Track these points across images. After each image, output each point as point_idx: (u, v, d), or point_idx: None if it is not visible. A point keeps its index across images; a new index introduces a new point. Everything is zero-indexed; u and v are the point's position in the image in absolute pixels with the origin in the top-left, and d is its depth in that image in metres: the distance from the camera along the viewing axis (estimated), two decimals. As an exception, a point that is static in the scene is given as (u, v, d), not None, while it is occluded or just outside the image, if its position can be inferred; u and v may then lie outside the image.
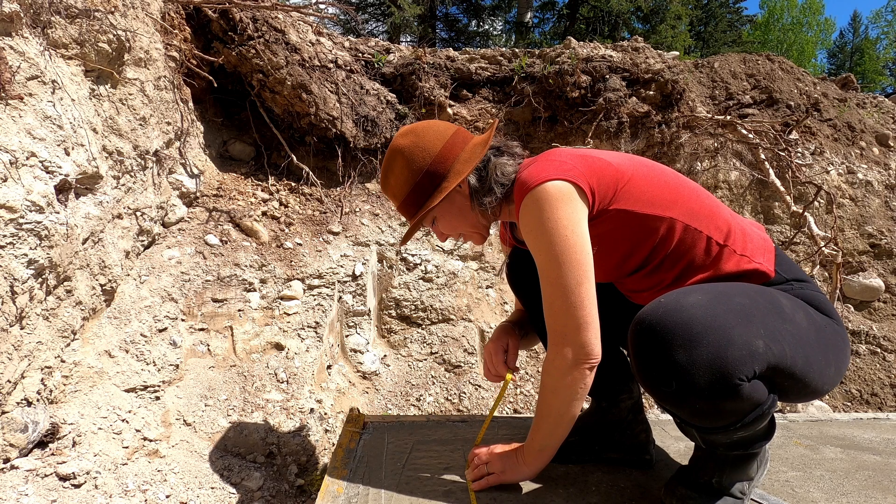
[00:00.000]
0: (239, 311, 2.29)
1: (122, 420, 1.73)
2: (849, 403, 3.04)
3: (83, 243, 1.77)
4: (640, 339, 0.90)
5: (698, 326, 0.85)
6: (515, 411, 2.59)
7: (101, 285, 1.89)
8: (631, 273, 1.14)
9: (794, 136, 3.72)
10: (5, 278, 1.41)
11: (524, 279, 1.37)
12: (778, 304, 0.96)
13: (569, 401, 1.03)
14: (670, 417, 1.62)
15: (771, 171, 3.55)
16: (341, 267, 2.64)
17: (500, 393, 1.29)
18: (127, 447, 1.68)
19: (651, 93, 3.48)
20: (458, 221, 1.20)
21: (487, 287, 3.09)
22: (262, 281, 2.42)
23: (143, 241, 2.22)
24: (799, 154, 3.67)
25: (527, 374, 2.77)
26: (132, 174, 2.08)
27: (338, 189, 3.03)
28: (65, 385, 1.68)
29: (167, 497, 1.60)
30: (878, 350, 3.22)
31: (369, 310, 2.67)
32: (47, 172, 1.56)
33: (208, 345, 2.16)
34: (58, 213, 1.58)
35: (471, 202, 1.16)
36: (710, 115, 3.66)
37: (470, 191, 1.15)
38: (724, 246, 1.06)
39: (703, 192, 1.13)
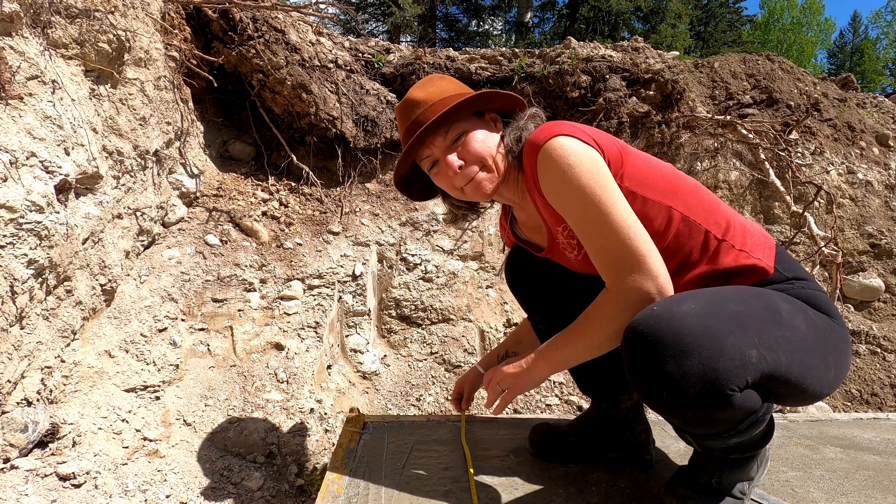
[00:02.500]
0: (239, 311, 2.29)
1: (122, 420, 1.74)
2: (849, 403, 3.04)
3: (83, 243, 1.77)
4: (631, 348, 0.89)
5: (689, 337, 0.84)
6: (515, 411, 2.59)
7: (101, 285, 1.89)
8: None
9: (794, 136, 3.72)
10: (5, 278, 1.41)
11: (523, 280, 1.37)
12: (775, 308, 0.94)
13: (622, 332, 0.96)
14: (670, 417, 1.62)
15: (771, 171, 3.55)
16: (341, 267, 2.64)
17: (462, 427, 1.57)
18: (127, 447, 1.68)
19: (651, 93, 3.48)
20: (487, 145, 1.12)
21: (487, 287, 3.09)
22: (262, 281, 2.42)
23: (143, 241, 2.22)
24: (799, 154, 3.67)
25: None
26: (132, 174, 2.08)
27: (338, 189, 3.03)
28: (65, 385, 1.68)
29: (167, 497, 1.60)
30: (878, 350, 3.22)
31: (369, 310, 2.67)
32: (47, 172, 1.56)
33: (208, 345, 2.16)
34: (58, 213, 1.58)
35: (501, 140, 1.14)
36: (710, 115, 3.66)
37: (503, 133, 1.15)
38: (723, 240, 1.04)
39: (703, 189, 1.12)
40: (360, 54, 3.35)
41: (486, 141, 1.12)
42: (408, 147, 1.12)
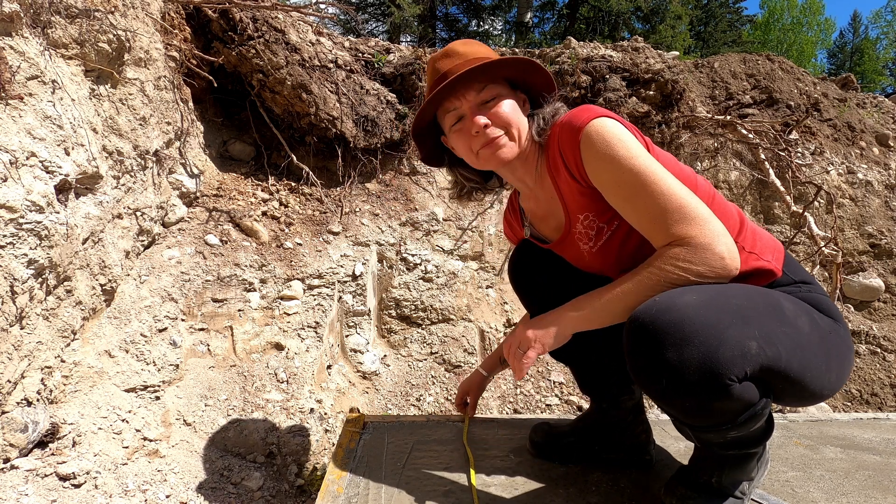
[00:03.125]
0: (239, 311, 2.29)
1: (122, 420, 1.74)
2: (849, 403, 3.04)
3: (83, 243, 1.77)
4: (632, 337, 0.90)
5: (690, 326, 0.84)
6: (515, 411, 2.59)
7: (101, 285, 1.89)
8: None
9: (794, 136, 3.72)
10: (5, 278, 1.41)
11: (527, 273, 1.36)
12: (779, 306, 0.94)
13: (682, 281, 0.93)
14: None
15: (771, 171, 3.55)
16: (341, 267, 2.64)
17: (464, 429, 1.56)
18: (127, 447, 1.68)
19: (651, 93, 3.48)
20: (517, 114, 1.12)
21: (487, 287, 3.09)
22: (262, 281, 2.42)
23: (143, 241, 2.22)
24: (799, 154, 3.67)
25: (527, 374, 2.78)
26: (132, 174, 2.08)
27: (338, 189, 3.03)
28: (65, 385, 1.68)
29: (167, 497, 1.60)
30: (878, 350, 3.22)
31: (369, 310, 2.67)
32: (47, 172, 1.56)
33: (208, 345, 2.16)
34: (58, 213, 1.58)
35: (528, 118, 1.14)
36: (710, 115, 3.66)
37: (531, 112, 1.14)
38: (734, 243, 1.05)
39: (716, 191, 1.13)
40: (360, 54, 3.35)
41: (516, 110, 1.11)
42: (437, 92, 1.08)
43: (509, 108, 1.10)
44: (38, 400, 1.56)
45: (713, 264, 0.92)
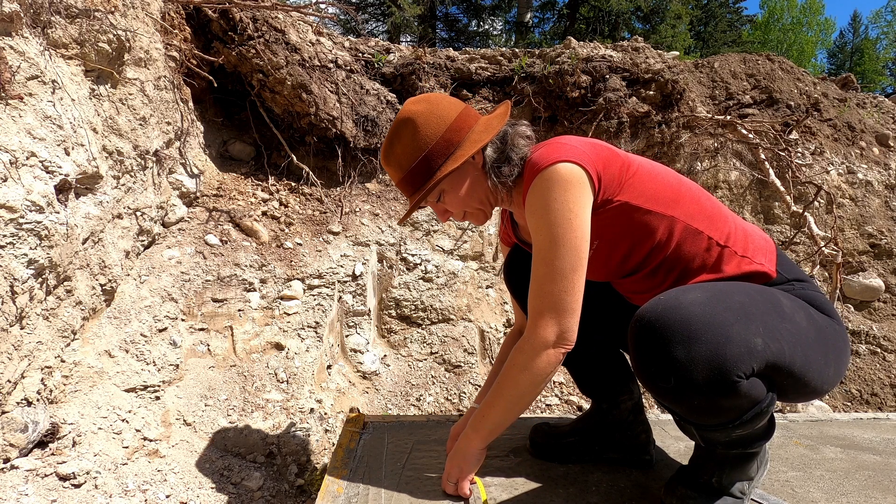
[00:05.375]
0: (239, 311, 2.29)
1: (122, 420, 1.74)
2: (849, 403, 3.04)
3: (83, 243, 1.77)
4: (639, 336, 0.90)
5: (697, 323, 0.85)
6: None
7: (101, 285, 1.89)
8: (630, 273, 1.13)
9: (794, 136, 3.72)
10: (5, 278, 1.41)
11: (522, 279, 1.37)
12: (778, 303, 0.96)
13: (537, 381, 1.03)
14: (670, 417, 1.61)
15: (771, 171, 3.55)
16: (341, 267, 2.64)
17: None
18: (127, 447, 1.68)
19: (651, 93, 3.47)
20: (467, 195, 1.14)
21: (487, 287, 3.09)
22: (262, 281, 2.42)
23: (143, 241, 2.22)
24: (799, 154, 3.67)
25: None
26: (132, 174, 2.08)
27: (338, 189, 3.03)
28: (65, 385, 1.68)
29: (167, 497, 1.60)
30: (878, 350, 3.22)
31: (369, 310, 2.67)
32: (47, 172, 1.56)
33: (208, 345, 2.16)
34: (58, 212, 1.58)
35: (485, 175, 1.12)
36: (710, 115, 3.66)
37: (484, 162, 1.12)
38: (725, 247, 1.05)
39: (704, 194, 1.13)
40: (360, 54, 3.35)
41: (462, 194, 1.15)
42: (407, 213, 1.22)
43: (455, 199, 1.15)
44: (38, 400, 1.56)
45: (543, 353, 1.01)
